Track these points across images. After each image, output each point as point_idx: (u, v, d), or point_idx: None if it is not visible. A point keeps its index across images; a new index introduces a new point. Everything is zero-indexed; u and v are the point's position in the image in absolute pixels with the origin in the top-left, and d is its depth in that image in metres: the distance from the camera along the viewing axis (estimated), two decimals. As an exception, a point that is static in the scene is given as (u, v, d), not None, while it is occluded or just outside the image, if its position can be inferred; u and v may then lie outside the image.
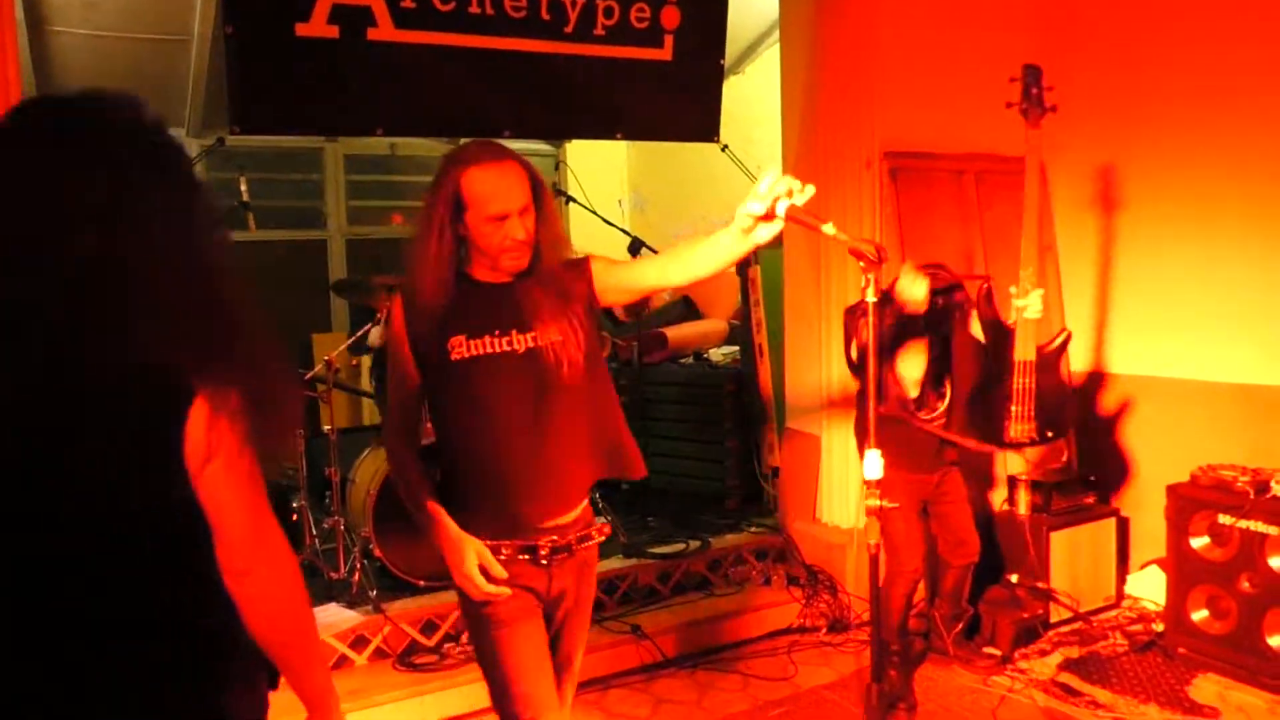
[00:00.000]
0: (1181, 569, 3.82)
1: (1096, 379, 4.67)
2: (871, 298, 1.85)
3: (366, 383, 5.68)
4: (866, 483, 1.93)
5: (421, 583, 4.05)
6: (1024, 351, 3.27)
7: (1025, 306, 3.31)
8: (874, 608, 2.03)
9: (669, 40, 4.75)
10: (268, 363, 1.42)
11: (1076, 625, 4.16)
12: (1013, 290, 3.37)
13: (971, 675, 3.82)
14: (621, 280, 2.30)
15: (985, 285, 3.50)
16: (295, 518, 4.54)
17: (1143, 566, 4.39)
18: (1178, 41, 4.29)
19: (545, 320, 2.20)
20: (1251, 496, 3.58)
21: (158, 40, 5.36)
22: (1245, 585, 3.59)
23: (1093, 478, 4.45)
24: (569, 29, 4.47)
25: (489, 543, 2.20)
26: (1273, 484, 3.57)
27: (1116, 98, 4.55)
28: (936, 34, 4.61)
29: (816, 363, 4.54)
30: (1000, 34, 4.74)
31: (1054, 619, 4.13)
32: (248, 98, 3.96)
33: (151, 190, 1.37)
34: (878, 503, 1.88)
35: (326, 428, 4.58)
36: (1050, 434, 3.46)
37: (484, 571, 2.17)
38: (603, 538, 2.38)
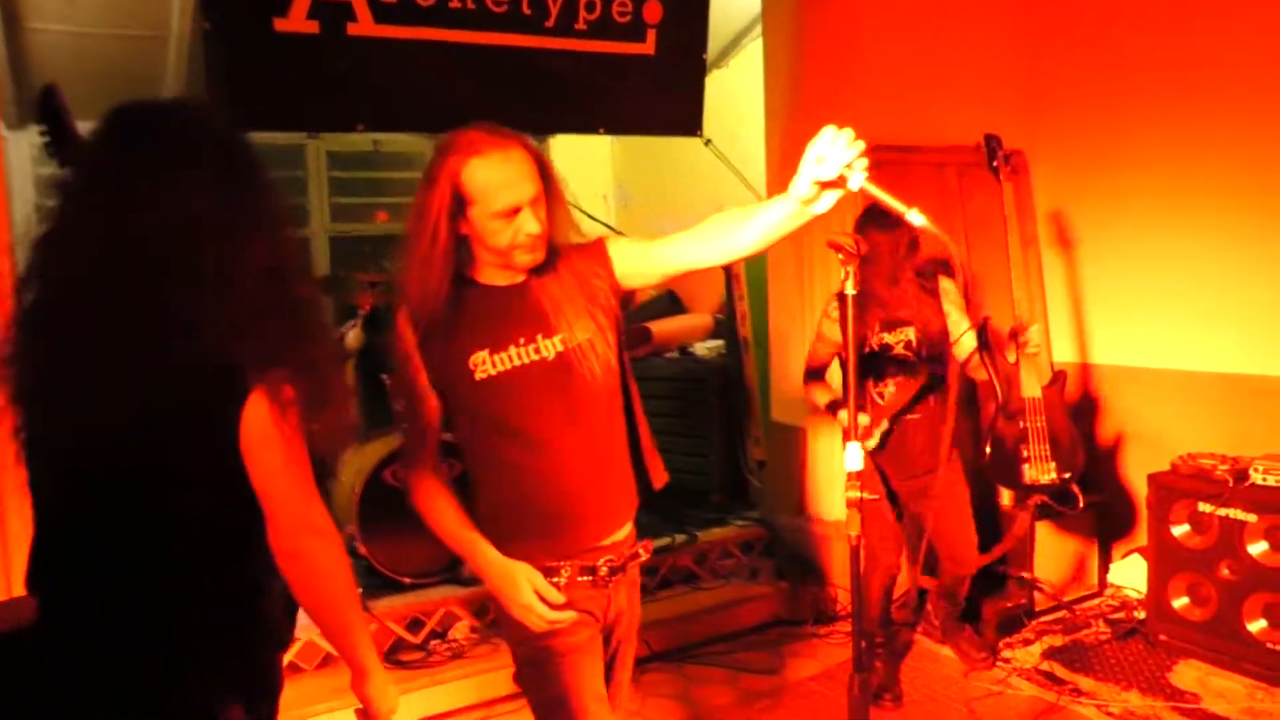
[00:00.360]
0: (1162, 557, 3.86)
1: (1078, 370, 4.70)
2: (850, 290, 1.84)
3: (350, 380, 5.66)
4: (847, 475, 1.92)
5: (407, 580, 4.04)
6: (1031, 388, 3.19)
7: (1028, 341, 3.25)
8: (855, 599, 2.04)
9: (651, 34, 4.74)
10: (324, 361, 1.56)
11: (1060, 614, 4.20)
12: (1012, 329, 3.30)
13: (956, 665, 3.85)
14: (647, 262, 2.03)
15: (984, 319, 3.45)
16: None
17: (1125, 555, 4.43)
18: (1158, 29, 4.31)
19: (570, 318, 1.97)
20: (1230, 485, 3.61)
21: (136, 37, 5.32)
22: (1225, 572, 3.63)
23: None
24: (550, 23, 4.46)
25: (548, 564, 1.98)
26: (1251, 472, 3.60)
27: (1100, 88, 4.57)
28: (918, 27, 4.62)
29: (801, 356, 4.53)
30: (981, 27, 4.77)
31: (1038, 608, 4.16)
32: (227, 95, 3.93)
33: (233, 196, 1.51)
34: (858, 495, 1.88)
35: (311, 425, 4.57)
36: (1067, 475, 3.40)
37: (541, 598, 1.95)
38: (647, 555, 2.18)
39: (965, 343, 3.34)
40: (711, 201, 6.60)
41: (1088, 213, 4.66)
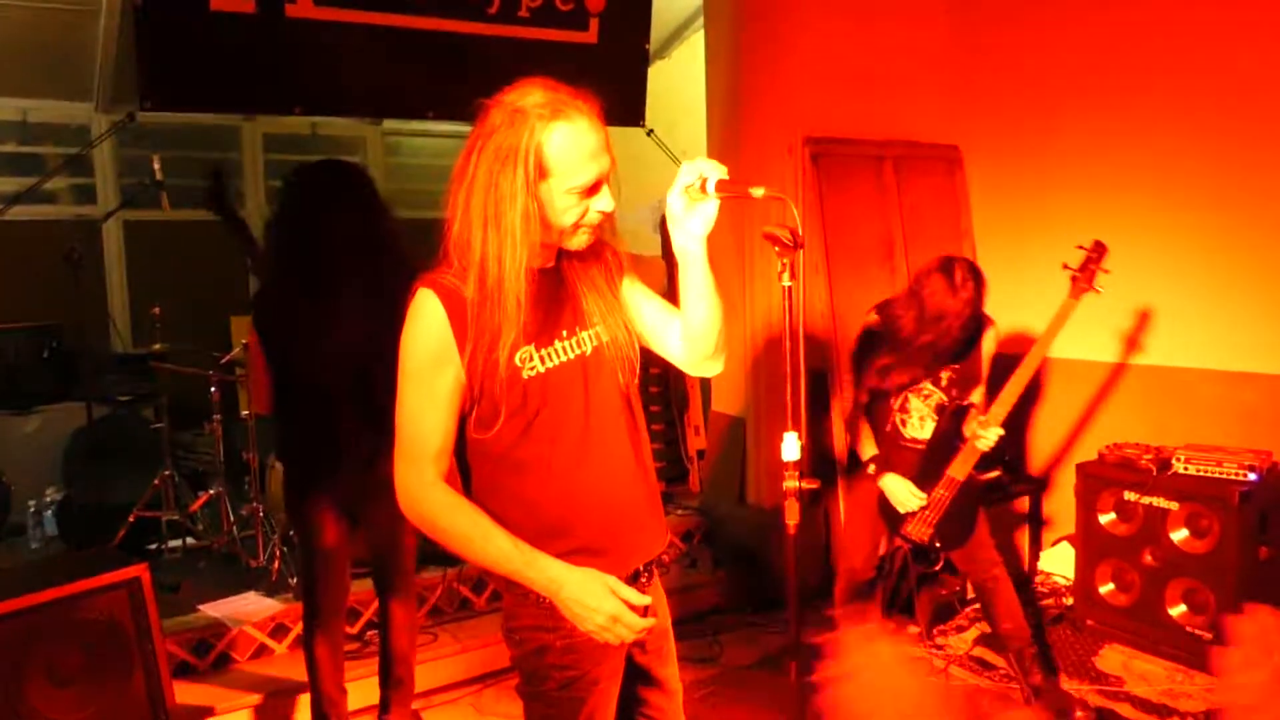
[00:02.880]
0: (1089, 544, 3.96)
1: (1010, 361, 4.79)
2: (787, 282, 1.80)
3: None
4: (784, 464, 1.88)
5: (344, 569, 3.99)
6: (959, 470, 3.26)
7: (982, 437, 3.22)
8: (791, 587, 2.03)
9: (594, 23, 4.73)
10: None
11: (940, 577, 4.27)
12: (979, 421, 3.26)
13: (892, 651, 3.91)
14: (638, 311, 1.90)
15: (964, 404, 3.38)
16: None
17: (1055, 543, 4.54)
18: (1091, 24, 4.40)
19: (603, 312, 1.82)
20: (1154, 474, 3.72)
21: (64, 10, 5.16)
22: (1148, 559, 3.74)
23: (1007, 457, 4.58)
24: (493, 10, 4.43)
25: None
26: (1174, 461, 3.72)
27: (1033, 82, 4.65)
28: (856, 22, 4.66)
29: (741, 346, 4.58)
30: (918, 20, 4.83)
31: (970, 595, 4.24)
32: (157, 72, 3.84)
33: (382, 218, 2.86)
34: (795, 484, 1.86)
35: (245, 412, 4.50)
36: (939, 545, 3.36)
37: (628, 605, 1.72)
38: (670, 557, 1.99)
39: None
40: (653, 191, 6.59)
41: (1020, 206, 4.74)
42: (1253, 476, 3.49)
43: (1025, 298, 4.71)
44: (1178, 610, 3.67)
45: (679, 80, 6.27)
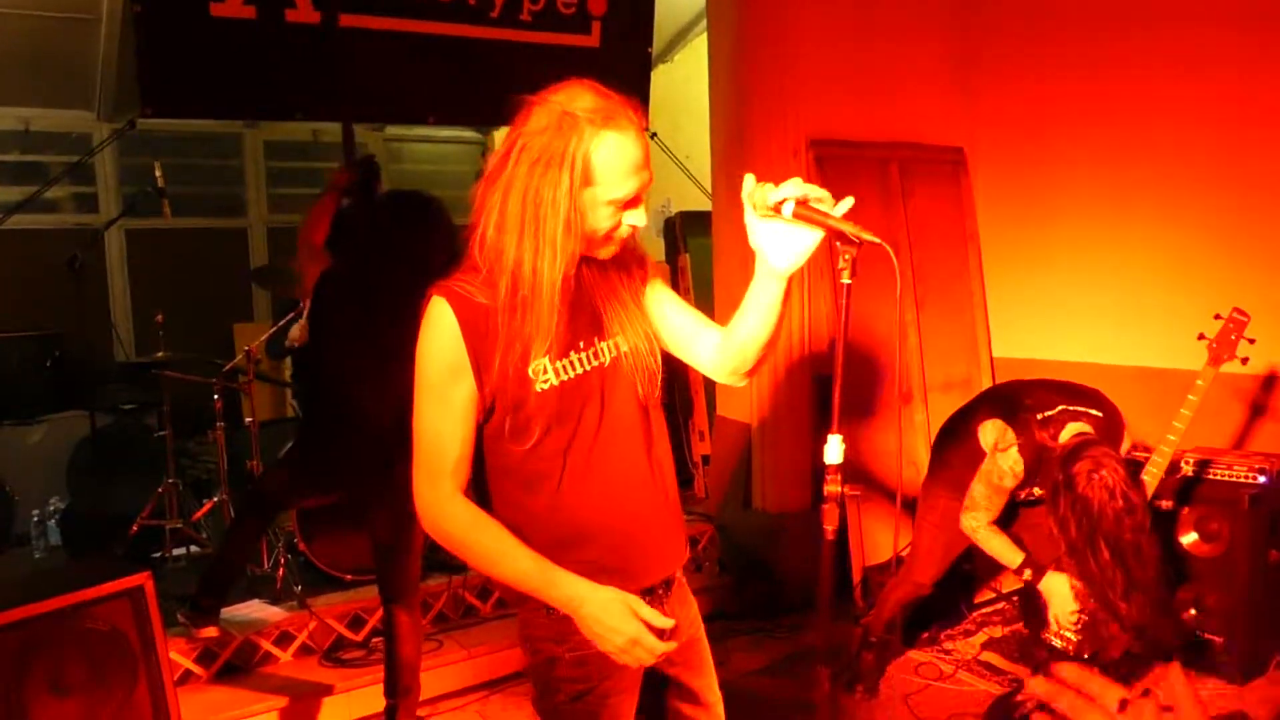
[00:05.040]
0: (1098, 548, 3.92)
1: (1008, 365, 4.78)
2: (847, 279, 1.62)
3: (288, 374, 5.56)
4: (827, 468, 1.73)
5: (348, 577, 3.98)
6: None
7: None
8: (822, 592, 1.88)
9: (596, 26, 4.72)
10: None
11: (999, 605, 4.27)
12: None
13: (899, 657, 3.89)
14: (664, 320, 1.83)
15: None
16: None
17: (1061, 546, 4.51)
18: (1096, 31, 4.39)
19: (624, 322, 1.75)
20: (1162, 477, 3.68)
21: (66, 19, 5.16)
22: (1157, 563, 3.71)
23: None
24: (495, 14, 4.41)
25: None
26: (1182, 464, 3.68)
27: (1038, 87, 4.64)
28: (861, 25, 4.65)
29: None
30: (923, 23, 4.82)
31: (977, 600, 4.23)
32: (158, 79, 3.82)
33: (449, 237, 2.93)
34: (838, 489, 1.74)
35: (248, 420, 4.48)
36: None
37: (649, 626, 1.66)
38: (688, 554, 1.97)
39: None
40: (655, 195, 6.60)
41: (1026, 209, 4.72)
42: (1262, 479, 3.46)
43: (1031, 301, 4.71)
44: (1187, 615, 3.64)
45: (682, 84, 6.26)
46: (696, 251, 5.14)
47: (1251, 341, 3.24)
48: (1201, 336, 3.32)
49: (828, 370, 4.31)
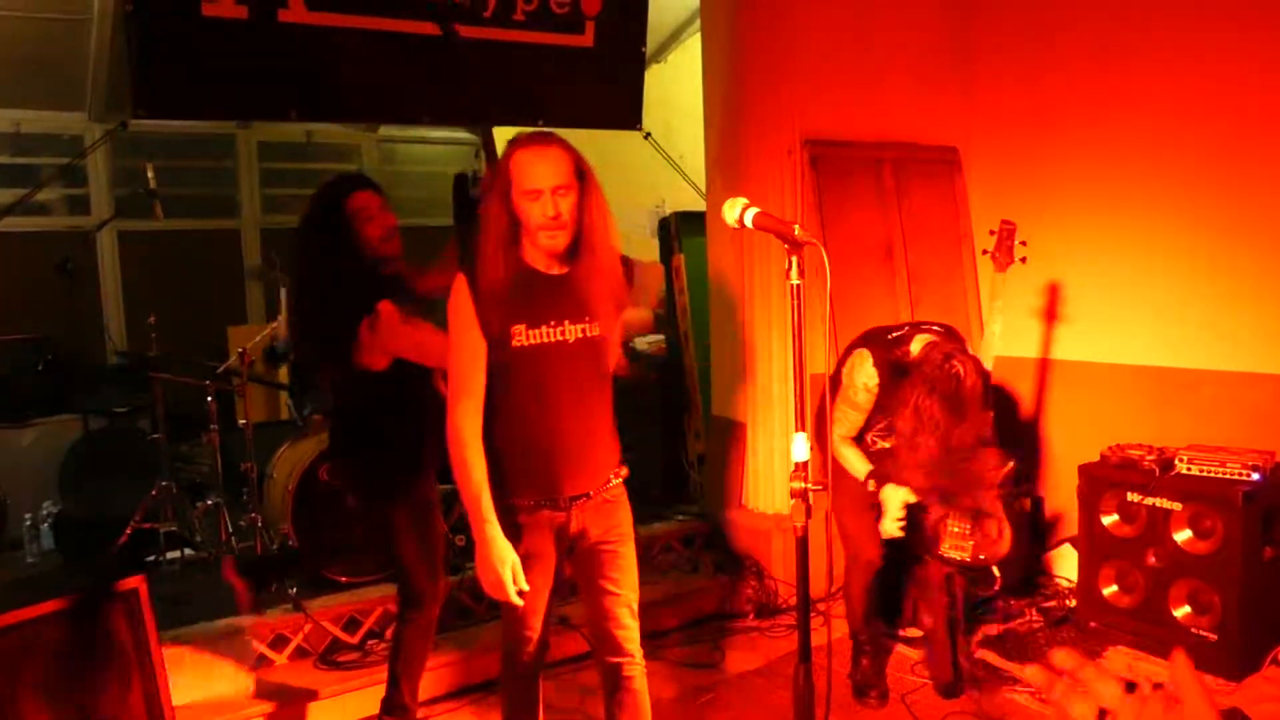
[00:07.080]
0: (1092, 546, 3.94)
1: (1011, 364, 4.79)
2: (795, 280, 1.88)
3: (284, 376, 5.55)
4: (794, 465, 1.88)
5: (343, 579, 3.97)
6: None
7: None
8: (800, 588, 2.01)
9: (590, 26, 4.71)
10: None
11: (995, 603, 4.27)
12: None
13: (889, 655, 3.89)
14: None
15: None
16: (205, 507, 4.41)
17: (1057, 545, 4.52)
18: (1093, 28, 4.40)
19: (596, 314, 2.40)
20: (1157, 474, 3.70)
21: (56, 20, 5.15)
22: (1151, 560, 3.72)
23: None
24: (488, 14, 4.40)
25: (524, 501, 2.42)
26: (1176, 462, 3.70)
27: (1034, 86, 4.64)
28: (855, 24, 4.65)
29: (741, 350, 4.56)
30: (918, 23, 4.82)
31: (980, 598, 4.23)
32: (150, 81, 3.81)
33: None
34: (803, 485, 1.86)
35: (242, 421, 4.47)
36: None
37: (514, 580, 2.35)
38: (619, 479, 2.57)
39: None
40: (651, 193, 6.60)
41: (1019, 208, 4.72)
42: (1256, 477, 3.48)
43: (1025, 299, 4.71)
44: (1181, 611, 3.65)
45: (676, 84, 6.26)
46: (691, 251, 5.14)
47: (1024, 244, 3.66)
48: (985, 252, 3.73)
49: (824, 369, 4.32)
